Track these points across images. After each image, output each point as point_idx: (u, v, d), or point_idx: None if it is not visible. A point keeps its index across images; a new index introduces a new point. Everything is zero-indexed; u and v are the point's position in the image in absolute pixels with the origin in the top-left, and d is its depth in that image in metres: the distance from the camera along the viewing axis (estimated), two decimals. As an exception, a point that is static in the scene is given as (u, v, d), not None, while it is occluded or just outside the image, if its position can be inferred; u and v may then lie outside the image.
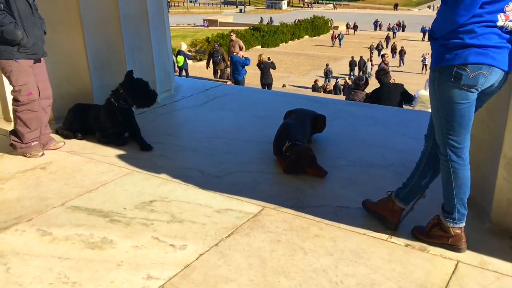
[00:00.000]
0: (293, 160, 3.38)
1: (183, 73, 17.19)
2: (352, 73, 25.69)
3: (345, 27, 44.92)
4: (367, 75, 24.98)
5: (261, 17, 51.65)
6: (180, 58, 16.90)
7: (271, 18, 50.82)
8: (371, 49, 31.32)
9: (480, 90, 2.19)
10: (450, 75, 2.15)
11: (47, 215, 2.89)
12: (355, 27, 44.52)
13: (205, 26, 47.90)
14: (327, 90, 20.75)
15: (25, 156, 3.76)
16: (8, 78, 3.61)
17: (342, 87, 20.34)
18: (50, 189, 3.23)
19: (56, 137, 4.12)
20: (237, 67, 14.35)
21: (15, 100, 3.65)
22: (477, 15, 2.08)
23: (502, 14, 2.08)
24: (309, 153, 3.41)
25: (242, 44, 16.83)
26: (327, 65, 25.83)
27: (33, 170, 3.55)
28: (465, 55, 2.11)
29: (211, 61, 17.88)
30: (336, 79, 22.43)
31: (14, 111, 3.69)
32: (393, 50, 31.44)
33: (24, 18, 3.49)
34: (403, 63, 28.35)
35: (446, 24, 2.14)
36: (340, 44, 36.22)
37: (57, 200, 3.07)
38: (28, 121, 3.69)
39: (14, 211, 2.94)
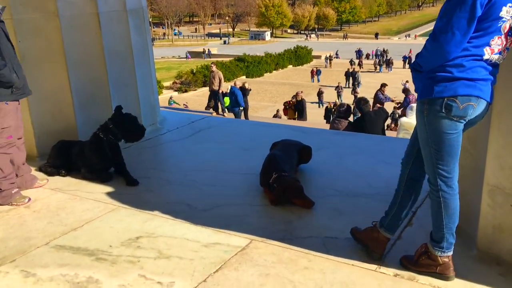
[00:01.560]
0: (280, 191, 3.38)
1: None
2: (347, 83, 29.94)
3: (350, 64, 37.53)
4: (358, 83, 28.48)
5: (203, 49, 50.65)
6: (227, 99, 16.36)
7: (208, 49, 50.05)
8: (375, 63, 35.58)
9: (467, 120, 2.25)
10: (440, 107, 2.20)
11: (31, 255, 2.83)
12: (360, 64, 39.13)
13: (187, 58, 48.10)
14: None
15: (11, 205, 3.53)
16: None
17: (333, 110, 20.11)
18: (34, 228, 3.17)
19: (40, 174, 4.07)
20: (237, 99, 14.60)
21: None
22: (464, 49, 2.14)
23: (488, 48, 2.15)
24: (296, 184, 3.42)
25: (221, 76, 17.24)
26: (338, 83, 27.15)
27: (16, 209, 3.48)
28: (455, 87, 2.17)
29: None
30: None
31: None
32: (388, 63, 36.10)
33: (12, 60, 3.44)
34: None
35: (436, 59, 2.19)
36: (318, 79, 33.78)
37: (41, 239, 3.01)
38: (2, 165, 3.50)
39: (-3, 252, 2.88)
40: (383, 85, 15.45)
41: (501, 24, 2.12)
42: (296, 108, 18.26)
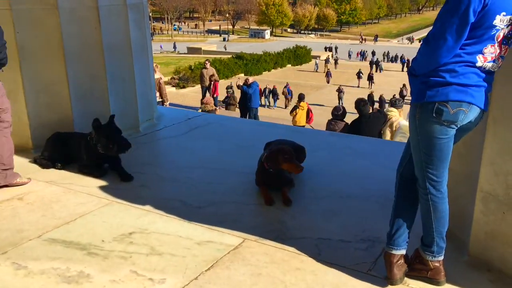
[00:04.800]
0: (273, 153, 3.50)
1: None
2: (371, 69, 35.71)
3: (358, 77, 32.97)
4: (380, 69, 38.61)
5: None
6: None
7: (160, 45, 51.04)
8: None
9: (459, 126, 2.26)
10: (431, 111, 2.21)
11: (23, 247, 2.82)
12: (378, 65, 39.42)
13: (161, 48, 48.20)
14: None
15: (10, 186, 3.55)
16: None
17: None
18: (26, 221, 3.16)
19: (24, 171, 3.87)
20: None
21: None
22: (457, 55, 2.15)
23: (480, 56, 2.16)
24: (289, 148, 3.58)
25: (215, 72, 17.68)
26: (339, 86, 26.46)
27: (10, 200, 3.47)
28: (446, 92, 2.18)
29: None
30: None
31: None
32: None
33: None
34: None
35: (428, 64, 2.20)
36: (274, 105, 25.52)
37: (33, 232, 3.01)
38: (11, 142, 3.58)
39: (-12, 244, 2.87)
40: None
41: (494, 32, 2.13)
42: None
